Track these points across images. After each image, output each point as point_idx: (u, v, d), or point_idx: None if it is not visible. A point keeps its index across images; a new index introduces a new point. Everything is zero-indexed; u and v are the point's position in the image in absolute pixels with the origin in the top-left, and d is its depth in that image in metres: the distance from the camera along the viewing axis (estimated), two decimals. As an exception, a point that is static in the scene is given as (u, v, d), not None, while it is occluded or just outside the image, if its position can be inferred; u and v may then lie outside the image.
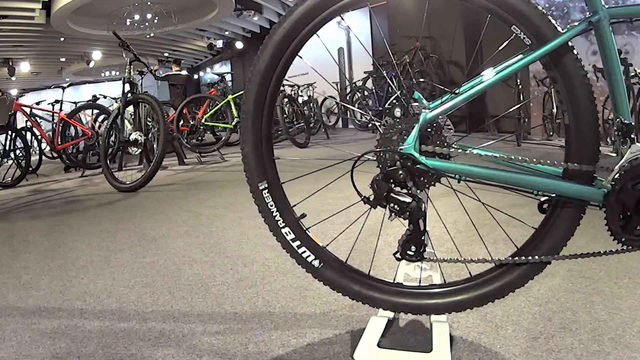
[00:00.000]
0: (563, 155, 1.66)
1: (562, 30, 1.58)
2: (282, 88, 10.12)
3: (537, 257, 1.69)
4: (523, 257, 1.70)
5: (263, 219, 1.83)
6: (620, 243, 1.62)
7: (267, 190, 1.81)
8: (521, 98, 9.29)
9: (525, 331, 1.91)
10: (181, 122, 8.94)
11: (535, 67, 10.92)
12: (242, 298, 2.32)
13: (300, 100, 12.66)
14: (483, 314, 2.05)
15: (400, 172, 1.60)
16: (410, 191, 1.62)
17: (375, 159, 1.66)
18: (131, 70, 6.22)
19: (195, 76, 15.91)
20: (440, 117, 1.65)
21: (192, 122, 8.95)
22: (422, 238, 1.65)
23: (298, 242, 1.81)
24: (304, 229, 1.83)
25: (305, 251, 1.81)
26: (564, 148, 1.68)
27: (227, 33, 20.76)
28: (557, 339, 1.85)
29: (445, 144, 1.65)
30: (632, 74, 7.97)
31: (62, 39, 18.81)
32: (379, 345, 1.77)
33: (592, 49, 8.77)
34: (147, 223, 4.03)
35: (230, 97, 9.21)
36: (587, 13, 1.60)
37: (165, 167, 7.81)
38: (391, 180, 1.62)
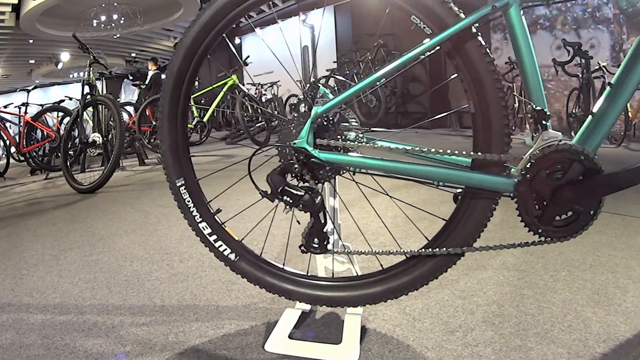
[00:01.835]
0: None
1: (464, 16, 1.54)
2: (244, 87, 10.15)
3: (445, 249, 1.66)
4: (430, 250, 1.68)
5: (182, 215, 1.87)
6: (537, 234, 1.59)
7: (184, 187, 1.85)
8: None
9: (443, 324, 1.92)
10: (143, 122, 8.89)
11: (497, 63, 11.05)
12: (172, 292, 2.35)
13: (263, 98, 12.68)
14: (403, 307, 2.06)
15: (296, 165, 1.61)
16: (309, 184, 1.63)
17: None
18: (90, 72, 6.21)
19: (163, 76, 15.91)
20: (339, 110, 1.67)
21: (154, 123, 8.91)
22: (324, 231, 1.67)
23: (215, 237, 1.85)
24: (220, 223, 1.87)
25: (221, 245, 1.85)
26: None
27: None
28: (476, 332, 1.85)
29: (341, 138, 1.66)
30: (596, 67, 8.06)
31: (31, 41, 18.78)
32: (290, 337, 1.80)
33: (557, 44, 8.86)
34: (99, 223, 4.04)
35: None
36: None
37: (125, 167, 7.79)
38: (288, 174, 1.64)
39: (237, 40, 19.64)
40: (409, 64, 1.60)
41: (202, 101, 10.13)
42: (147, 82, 10.85)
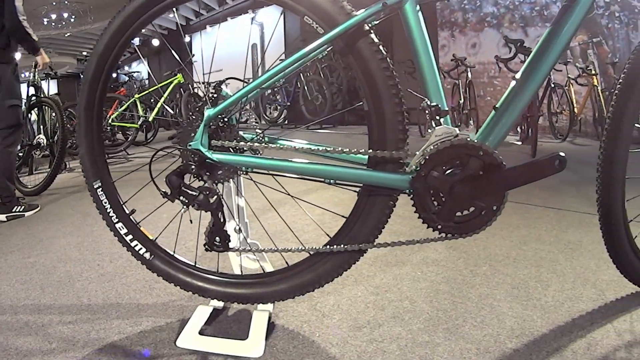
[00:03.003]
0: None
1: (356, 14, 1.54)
2: (194, 86, 10.12)
3: (343, 245, 1.69)
4: (328, 247, 1.71)
5: (100, 216, 1.95)
6: (437, 231, 1.58)
7: (100, 189, 1.92)
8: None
9: (352, 320, 1.96)
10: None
11: (443, 60, 11.17)
12: (99, 291, 2.41)
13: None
14: (314, 303, 2.11)
15: (192, 166, 1.66)
16: (209, 184, 1.67)
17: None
18: (36, 73, 6.17)
19: (114, 75, 15.74)
20: (238, 111, 1.74)
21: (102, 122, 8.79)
22: (225, 229, 1.71)
23: (131, 236, 1.92)
24: (135, 223, 1.94)
25: (137, 244, 1.92)
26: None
27: (143, 30, 20.60)
28: (384, 328, 1.88)
29: (236, 138, 1.71)
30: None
31: (-19, 41, 18.47)
32: (200, 333, 1.86)
33: (503, 42, 9.00)
34: (40, 225, 4.04)
35: (136, 96, 9.18)
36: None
37: (72, 168, 7.74)
38: (186, 175, 1.69)
39: (187, 39, 19.50)
40: (299, 64, 1.64)
41: (152, 100, 10.08)
42: None
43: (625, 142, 1.88)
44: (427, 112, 1.55)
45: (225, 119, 1.72)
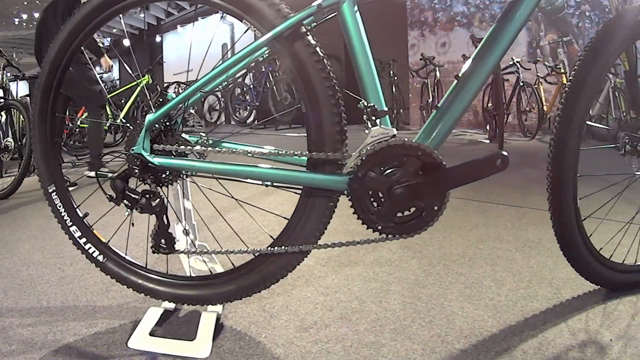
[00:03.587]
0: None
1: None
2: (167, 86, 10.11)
3: (284, 247, 1.73)
4: (269, 248, 1.75)
5: (56, 219, 1.98)
6: (378, 232, 1.59)
7: (55, 193, 1.96)
8: (393, 90, 9.56)
9: (299, 321, 1.99)
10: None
11: (412, 60, 11.24)
12: (58, 294, 2.44)
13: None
14: (263, 304, 2.15)
15: (135, 170, 1.70)
16: (152, 187, 1.72)
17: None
18: (4, 75, 6.14)
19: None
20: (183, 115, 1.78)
21: (70, 125, 8.78)
22: (170, 232, 1.76)
23: (84, 239, 1.96)
24: (89, 226, 1.99)
25: (90, 247, 1.96)
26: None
27: (114, 30, 20.46)
28: (331, 329, 1.91)
29: (178, 142, 1.75)
30: (510, 63, 8.24)
31: (-48, 42, 18.34)
32: (151, 334, 1.91)
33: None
34: (6, 228, 4.05)
35: (104, 97, 9.13)
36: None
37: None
38: (130, 178, 1.74)
39: (157, 39, 19.44)
40: (238, 67, 1.68)
41: (122, 101, 10.03)
42: None
43: (576, 140, 1.90)
44: (364, 113, 1.56)
45: (168, 123, 1.76)
